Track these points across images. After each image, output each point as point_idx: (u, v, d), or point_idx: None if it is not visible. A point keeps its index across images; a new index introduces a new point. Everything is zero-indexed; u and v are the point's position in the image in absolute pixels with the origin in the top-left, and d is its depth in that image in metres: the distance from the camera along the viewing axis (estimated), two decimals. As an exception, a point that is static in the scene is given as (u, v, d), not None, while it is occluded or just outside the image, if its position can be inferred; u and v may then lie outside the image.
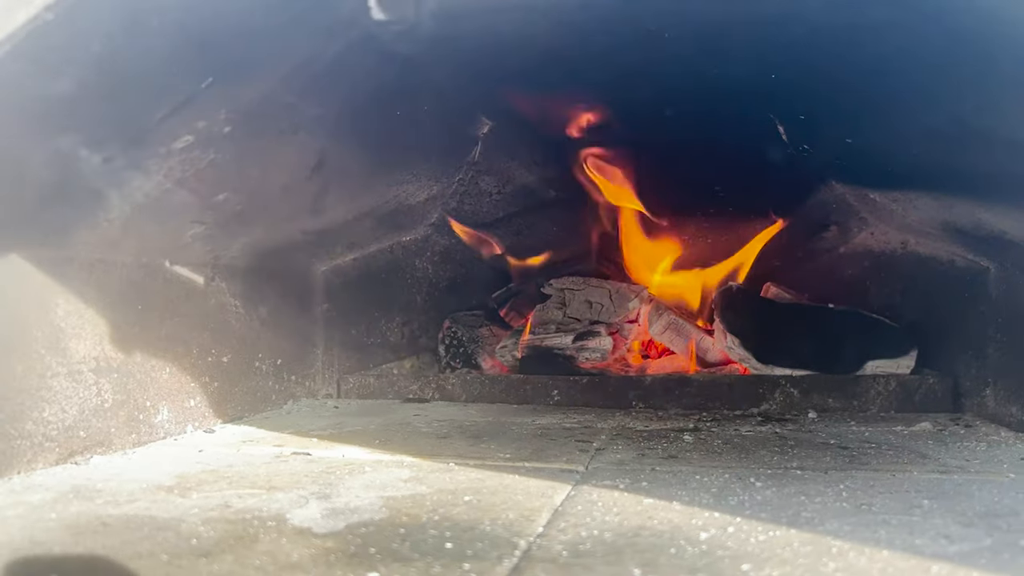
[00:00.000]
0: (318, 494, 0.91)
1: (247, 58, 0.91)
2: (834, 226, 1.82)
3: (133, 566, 0.65)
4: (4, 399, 0.98)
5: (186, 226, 1.22)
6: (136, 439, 1.21)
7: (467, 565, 0.67)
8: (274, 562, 0.67)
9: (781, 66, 1.16)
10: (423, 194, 1.68)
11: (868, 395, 1.59)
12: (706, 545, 0.73)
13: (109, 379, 1.16)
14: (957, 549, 0.72)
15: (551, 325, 1.84)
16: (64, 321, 1.08)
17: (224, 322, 1.43)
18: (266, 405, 1.56)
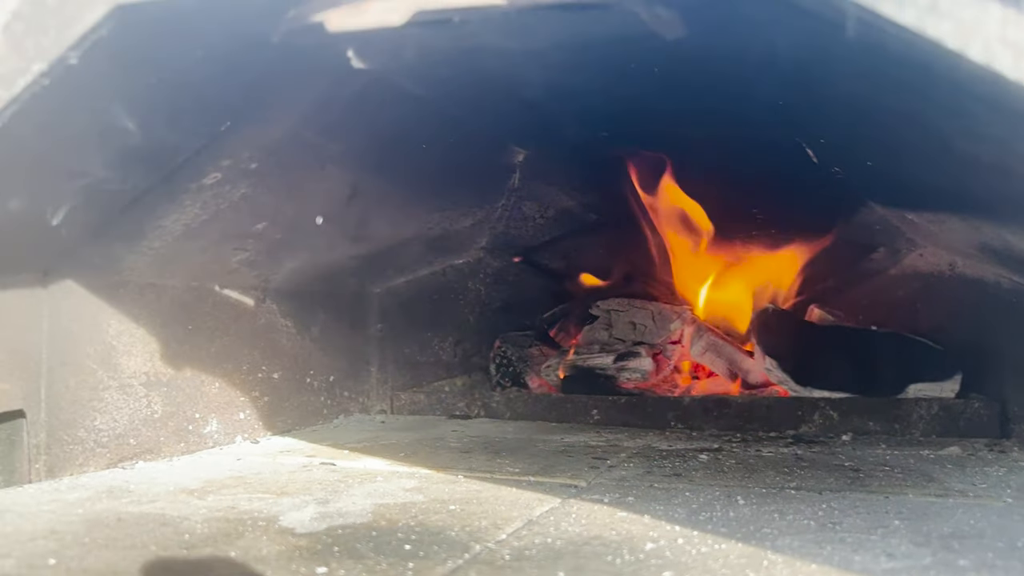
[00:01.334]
0: (320, 500, 1.00)
1: (262, 104, 1.01)
2: (882, 248, 1.80)
3: (123, 554, 0.75)
4: (58, 408, 1.11)
5: (230, 253, 1.33)
6: (185, 448, 1.32)
7: (412, 564, 0.74)
8: (244, 556, 0.75)
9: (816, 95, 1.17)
10: (467, 220, 1.77)
11: (910, 419, 1.57)
12: (644, 555, 0.77)
13: (159, 392, 1.28)
14: (890, 566, 0.73)
15: (595, 345, 1.89)
16: (116, 339, 1.21)
17: (274, 341, 1.54)
18: (317, 419, 1.67)
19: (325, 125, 1.14)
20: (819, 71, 0.99)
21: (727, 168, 1.63)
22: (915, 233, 1.70)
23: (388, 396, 1.86)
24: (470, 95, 1.22)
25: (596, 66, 1.08)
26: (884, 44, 0.56)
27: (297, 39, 0.76)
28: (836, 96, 1.13)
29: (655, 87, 1.20)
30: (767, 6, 0.77)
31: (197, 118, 0.95)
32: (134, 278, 1.22)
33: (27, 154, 0.79)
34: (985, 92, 0.52)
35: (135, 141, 0.88)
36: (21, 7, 0.68)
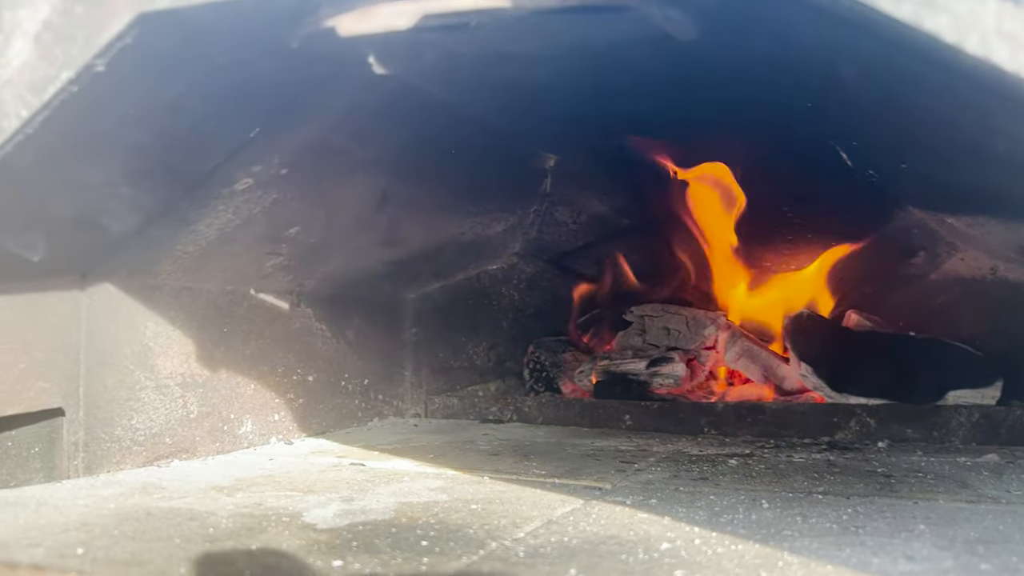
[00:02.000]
0: (345, 498, 1.01)
1: (289, 110, 1.03)
2: (922, 252, 1.77)
3: (148, 546, 0.77)
4: (96, 407, 1.15)
5: (264, 257, 1.36)
6: (219, 448, 1.35)
7: (426, 559, 0.75)
8: (264, 549, 0.77)
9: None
10: (500, 225, 1.78)
11: (949, 426, 1.53)
12: (658, 554, 0.77)
13: (195, 393, 1.31)
14: (908, 568, 0.72)
15: (628, 351, 1.88)
16: (152, 341, 1.24)
17: (309, 344, 1.57)
18: (352, 422, 1.69)
19: (352, 131, 1.16)
20: (847, 72, 0.98)
21: (760, 172, 1.63)
22: (954, 237, 1.67)
23: (422, 400, 1.88)
24: (496, 101, 1.23)
25: (618, 70, 1.08)
26: (892, 39, 0.56)
27: (316, 45, 0.78)
28: (865, 97, 1.12)
29: (680, 90, 1.21)
30: (785, 6, 0.76)
31: (226, 124, 0.98)
32: (170, 281, 1.26)
33: (60, 160, 0.82)
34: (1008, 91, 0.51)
35: (165, 147, 0.91)
36: (51, 17, 0.71)
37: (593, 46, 0.89)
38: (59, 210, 0.93)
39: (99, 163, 0.86)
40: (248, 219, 1.22)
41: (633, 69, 1.09)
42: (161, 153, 0.93)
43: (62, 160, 0.82)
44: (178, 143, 0.93)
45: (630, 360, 1.84)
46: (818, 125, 1.36)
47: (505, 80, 1.10)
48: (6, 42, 0.72)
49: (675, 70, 1.08)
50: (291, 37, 0.71)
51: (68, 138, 0.78)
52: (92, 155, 0.84)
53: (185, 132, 0.92)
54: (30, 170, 0.80)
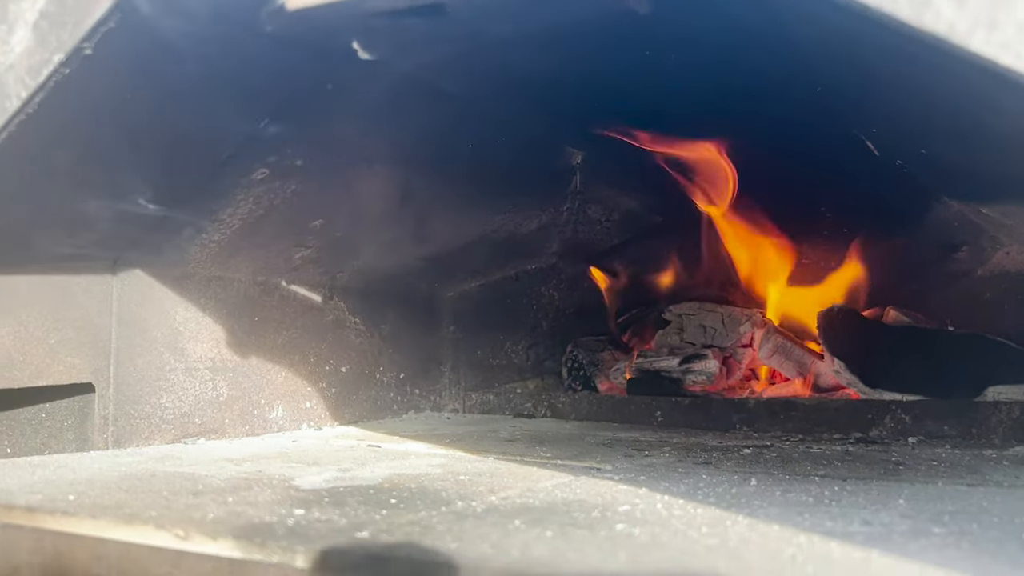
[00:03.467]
0: (343, 469, 1.06)
1: (292, 101, 1.09)
2: (965, 246, 1.72)
3: (136, 496, 0.83)
4: (126, 385, 1.22)
5: (292, 249, 1.43)
6: (249, 431, 1.42)
7: (385, 511, 0.78)
8: (237, 501, 0.82)
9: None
10: (532, 223, 1.81)
11: (989, 423, 1.48)
12: (612, 513, 0.78)
13: (224, 376, 1.38)
14: (858, 530, 0.72)
15: (665, 349, 1.88)
16: (182, 326, 1.32)
17: (342, 336, 1.63)
18: (387, 414, 1.74)
19: (362, 123, 1.22)
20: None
21: (789, 167, 1.61)
22: (997, 230, 1.62)
23: (460, 396, 1.91)
24: (506, 93, 1.27)
25: (622, 56, 1.11)
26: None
27: (299, 31, 0.83)
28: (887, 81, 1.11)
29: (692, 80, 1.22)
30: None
31: (231, 114, 1.04)
32: (200, 270, 1.33)
33: (64, 142, 0.90)
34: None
35: (170, 133, 0.98)
36: (47, 6, 0.78)
37: (571, 29, 0.92)
38: (77, 195, 1.01)
39: (104, 146, 0.93)
40: (270, 210, 1.28)
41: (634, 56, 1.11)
42: (168, 139, 1.00)
43: (67, 143, 0.90)
44: (183, 129, 1.00)
45: (664, 357, 1.84)
46: (836, 114, 1.34)
47: (506, 69, 1.13)
48: (10, 31, 0.80)
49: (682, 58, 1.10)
50: (260, 19, 0.77)
51: (68, 119, 0.85)
52: (95, 137, 0.91)
53: (187, 118, 0.99)
54: (38, 152, 0.88)
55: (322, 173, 1.28)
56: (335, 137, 1.23)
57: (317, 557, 0.63)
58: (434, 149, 1.39)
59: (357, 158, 1.31)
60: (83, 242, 1.11)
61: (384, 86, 1.14)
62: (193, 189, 1.14)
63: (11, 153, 0.84)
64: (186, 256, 1.29)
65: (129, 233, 1.16)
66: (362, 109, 1.19)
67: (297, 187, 1.27)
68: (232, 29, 0.85)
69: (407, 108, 1.24)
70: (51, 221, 1.05)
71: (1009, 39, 0.45)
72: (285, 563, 0.64)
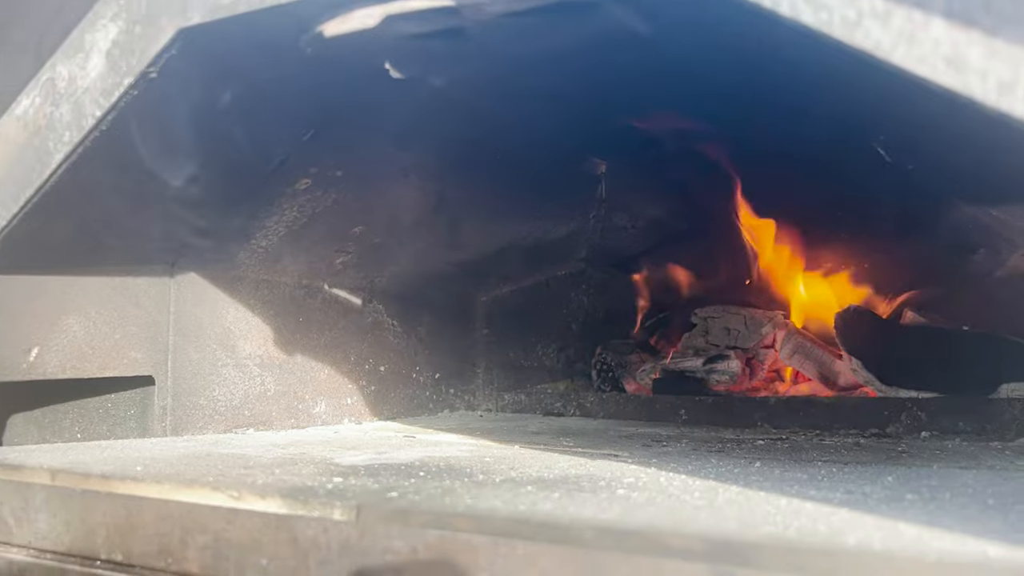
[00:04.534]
0: (379, 452, 1.15)
1: (333, 116, 1.20)
2: (982, 249, 1.76)
3: (193, 468, 0.93)
4: (182, 379, 1.34)
5: (333, 255, 1.54)
6: (295, 423, 1.52)
7: (412, 480, 0.87)
8: (284, 472, 0.92)
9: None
10: (561, 230, 1.90)
11: (1003, 419, 1.53)
12: (616, 483, 0.86)
13: (272, 373, 1.49)
14: (834, 497, 0.79)
15: (690, 351, 1.96)
16: (233, 325, 1.43)
17: (381, 337, 1.73)
18: (423, 411, 1.84)
19: (396, 136, 1.32)
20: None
21: (805, 173, 1.68)
22: (1011, 232, 1.67)
23: (493, 396, 2.01)
24: (528, 106, 1.36)
25: (629, 74, 1.19)
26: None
27: (334, 52, 0.94)
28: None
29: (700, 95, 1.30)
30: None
31: (278, 128, 1.15)
32: (249, 273, 1.44)
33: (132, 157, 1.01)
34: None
35: (223, 147, 1.09)
36: (118, 37, 0.89)
37: (578, 49, 1.01)
38: (140, 203, 1.12)
39: (164, 159, 1.04)
40: (312, 217, 1.39)
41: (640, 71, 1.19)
42: (221, 152, 1.11)
43: (134, 157, 1.01)
44: (234, 143, 1.11)
45: (689, 358, 1.91)
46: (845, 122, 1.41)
47: (524, 85, 1.22)
48: (86, 58, 0.91)
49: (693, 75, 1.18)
50: (301, 44, 0.87)
51: (134, 135, 0.96)
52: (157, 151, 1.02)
53: (237, 133, 1.09)
54: (109, 164, 0.99)
55: (360, 183, 1.39)
56: (371, 149, 1.33)
57: (352, 511, 0.72)
58: (464, 160, 1.48)
59: (392, 169, 1.41)
60: (145, 247, 1.23)
61: (415, 101, 1.24)
62: (243, 199, 1.25)
63: (87, 165, 0.95)
64: (236, 260, 1.40)
65: (185, 239, 1.28)
66: (396, 122, 1.29)
67: (337, 196, 1.38)
68: (276, 53, 0.95)
69: (438, 121, 1.34)
70: (118, 228, 1.16)
71: (926, 53, 0.53)
72: (324, 516, 0.73)
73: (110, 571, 0.85)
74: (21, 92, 0.96)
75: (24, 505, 0.92)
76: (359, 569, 0.71)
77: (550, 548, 0.63)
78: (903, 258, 1.83)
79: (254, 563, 0.76)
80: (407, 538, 0.69)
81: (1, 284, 1.07)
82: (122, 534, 0.85)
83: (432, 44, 0.97)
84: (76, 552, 0.88)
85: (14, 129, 0.97)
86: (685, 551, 0.59)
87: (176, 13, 0.85)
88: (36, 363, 1.11)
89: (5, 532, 0.94)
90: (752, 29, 0.63)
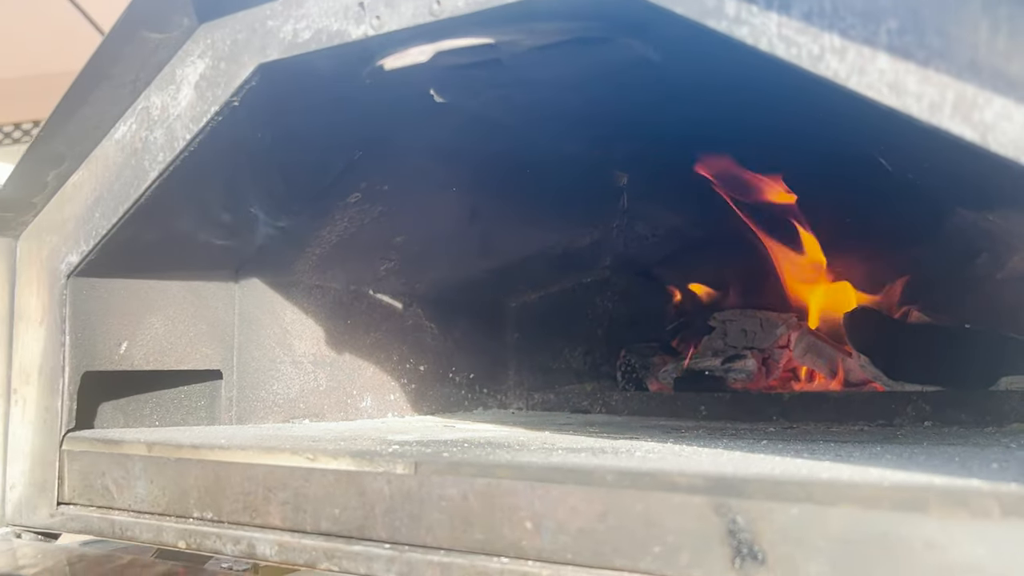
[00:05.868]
0: (424, 434, 1.29)
1: (382, 137, 1.35)
2: (984, 253, 1.88)
3: (267, 441, 1.08)
4: (246, 373, 1.49)
5: (378, 262, 1.68)
6: (344, 416, 1.67)
7: (455, 448, 1.01)
8: (347, 443, 1.06)
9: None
10: (585, 239, 2.04)
11: (1002, 410, 1.64)
12: (634, 448, 1.00)
13: (324, 370, 1.63)
14: (821, 458, 0.92)
15: (709, 351, 2.08)
16: (290, 326, 1.58)
17: (420, 339, 1.87)
18: (458, 409, 1.98)
19: (436, 153, 1.46)
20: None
21: (812, 183, 1.80)
22: (1010, 236, 1.78)
23: (524, 395, 2.14)
24: (554, 124, 1.50)
25: (642, 96, 1.33)
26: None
27: (387, 81, 1.08)
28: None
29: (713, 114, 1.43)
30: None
31: (335, 147, 1.30)
32: (304, 279, 1.59)
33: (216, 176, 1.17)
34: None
35: (292, 165, 1.24)
36: (205, 71, 1.04)
37: (599, 73, 1.15)
38: (216, 215, 1.28)
39: (239, 176, 1.20)
40: (360, 228, 1.54)
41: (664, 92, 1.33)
42: (286, 169, 1.26)
43: (212, 174, 1.16)
44: (297, 161, 1.26)
45: (708, 358, 2.03)
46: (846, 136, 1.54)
47: (551, 106, 1.37)
48: (177, 90, 1.07)
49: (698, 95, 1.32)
50: (362, 75, 1.02)
51: (216, 155, 1.11)
52: (234, 169, 1.17)
53: (301, 152, 1.25)
54: (194, 181, 1.15)
55: (403, 196, 1.53)
56: (414, 165, 1.48)
57: (411, 466, 0.86)
58: (497, 174, 1.63)
59: (432, 183, 1.56)
60: (216, 254, 1.38)
61: (454, 122, 1.39)
62: (302, 211, 1.40)
63: (177, 181, 1.10)
64: (292, 268, 1.55)
65: (250, 248, 1.43)
66: (435, 140, 1.44)
67: (383, 208, 1.53)
68: (336, 81, 1.10)
69: (473, 139, 1.48)
70: (193, 237, 1.32)
71: (873, 81, 0.66)
72: (388, 471, 0.87)
73: (202, 526, 1.00)
74: (119, 120, 1.12)
75: (125, 474, 1.07)
76: (418, 514, 0.85)
77: (578, 489, 0.77)
78: (909, 261, 1.94)
79: (328, 513, 0.91)
80: (459, 486, 0.83)
81: (99, 286, 1.22)
82: (212, 495, 0.99)
83: (471, 72, 1.11)
84: (171, 512, 1.03)
85: (113, 151, 1.13)
86: (689, 486, 0.73)
87: (256, 51, 1.00)
88: (125, 355, 1.26)
89: (108, 498, 1.09)
90: (743, 57, 0.76)
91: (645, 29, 0.99)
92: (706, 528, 0.71)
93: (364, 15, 0.92)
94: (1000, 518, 0.61)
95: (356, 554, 0.87)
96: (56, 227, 1.18)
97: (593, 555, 0.76)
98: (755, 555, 0.69)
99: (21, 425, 1.19)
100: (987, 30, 0.62)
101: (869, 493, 0.66)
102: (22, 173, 1.13)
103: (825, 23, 0.68)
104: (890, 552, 0.64)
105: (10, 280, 1.21)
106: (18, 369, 1.20)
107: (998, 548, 0.61)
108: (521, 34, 0.95)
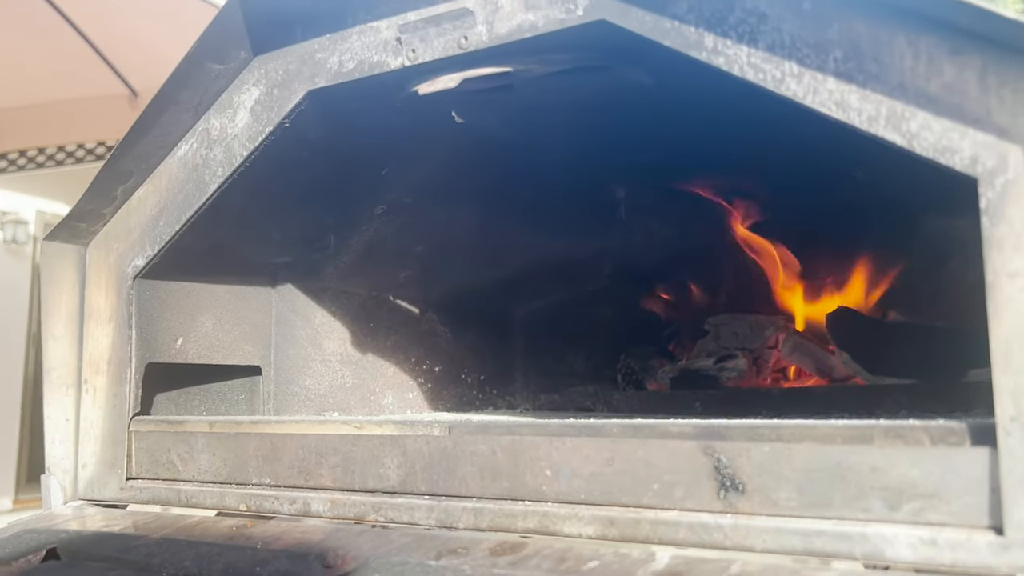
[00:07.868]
0: (446, 420, 1.44)
1: (407, 154, 1.51)
2: (956, 256, 2.04)
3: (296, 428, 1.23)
4: (282, 369, 1.64)
5: (398, 270, 1.84)
6: (368, 411, 1.82)
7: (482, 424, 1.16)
8: (388, 418, 1.21)
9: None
10: (587, 251, 2.20)
11: (970, 399, 1.79)
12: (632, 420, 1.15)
13: (350, 368, 1.79)
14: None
15: (703, 353, 2.24)
16: (320, 328, 1.73)
17: (435, 343, 2.03)
18: (470, 408, 2.12)
19: (452, 168, 1.62)
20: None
21: (793, 194, 1.97)
22: (978, 241, 1.93)
23: (531, 396, 2.29)
24: (557, 143, 1.66)
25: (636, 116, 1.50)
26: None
27: (414, 103, 1.25)
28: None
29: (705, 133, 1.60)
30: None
31: (364, 164, 1.46)
32: (332, 285, 1.75)
33: (264, 191, 1.32)
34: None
35: (330, 179, 1.40)
36: (260, 97, 1.21)
37: (597, 95, 1.32)
38: (262, 226, 1.43)
39: (285, 191, 1.35)
40: (384, 238, 1.70)
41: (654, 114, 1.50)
42: (324, 184, 1.43)
43: (263, 187, 1.32)
44: (334, 175, 1.42)
45: (702, 359, 2.19)
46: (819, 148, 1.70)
47: (555, 126, 1.53)
48: (235, 113, 1.23)
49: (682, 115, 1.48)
50: (396, 99, 1.18)
51: (267, 171, 1.27)
52: (281, 184, 1.33)
53: (338, 167, 1.41)
54: (248, 194, 1.30)
55: (423, 208, 1.70)
56: (433, 179, 1.64)
57: (446, 429, 1.01)
58: (506, 189, 1.79)
59: (448, 196, 1.72)
60: (256, 262, 1.54)
61: (469, 140, 1.55)
62: (334, 222, 1.56)
63: (233, 195, 1.26)
64: (323, 274, 1.71)
65: (286, 256, 1.59)
66: (453, 157, 1.60)
67: (405, 220, 1.69)
68: (373, 104, 1.27)
69: (485, 156, 1.65)
70: (240, 245, 1.47)
71: (824, 99, 0.83)
72: (426, 434, 1.03)
73: (261, 490, 1.15)
74: (180, 140, 1.28)
75: (188, 449, 1.22)
76: (453, 468, 1.00)
77: (588, 440, 0.92)
78: (886, 265, 2.11)
79: (374, 472, 1.06)
80: (487, 443, 0.98)
81: (160, 287, 1.38)
82: (269, 462, 1.14)
83: (487, 96, 1.28)
84: (232, 480, 1.18)
85: (176, 167, 1.29)
86: (681, 434, 0.88)
87: (306, 79, 1.17)
88: (180, 350, 1.42)
89: (173, 471, 1.24)
90: (721, 82, 0.92)
91: (640, 59, 1.15)
92: (696, 467, 0.87)
93: (401, 48, 1.09)
94: (930, 445, 0.77)
95: (399, 505, 1.02)
96: (123, 235, 1.34)
97: (603, 494, 0.91)
98: (737, 487, 0.84)
99: (92, 410, 1.34)
100: (911, 58, 0.79)
101: (826, 431, 0.82)
102: (95, 188, 1.29)
103: (785, 53, 0.85)
104: (843, 477, 0.80)
105: (80, 283, 1.36)
106: (88, 361, 1.35)
107: (929, 469, 0.77)
108: (534, 63, 1.11)
